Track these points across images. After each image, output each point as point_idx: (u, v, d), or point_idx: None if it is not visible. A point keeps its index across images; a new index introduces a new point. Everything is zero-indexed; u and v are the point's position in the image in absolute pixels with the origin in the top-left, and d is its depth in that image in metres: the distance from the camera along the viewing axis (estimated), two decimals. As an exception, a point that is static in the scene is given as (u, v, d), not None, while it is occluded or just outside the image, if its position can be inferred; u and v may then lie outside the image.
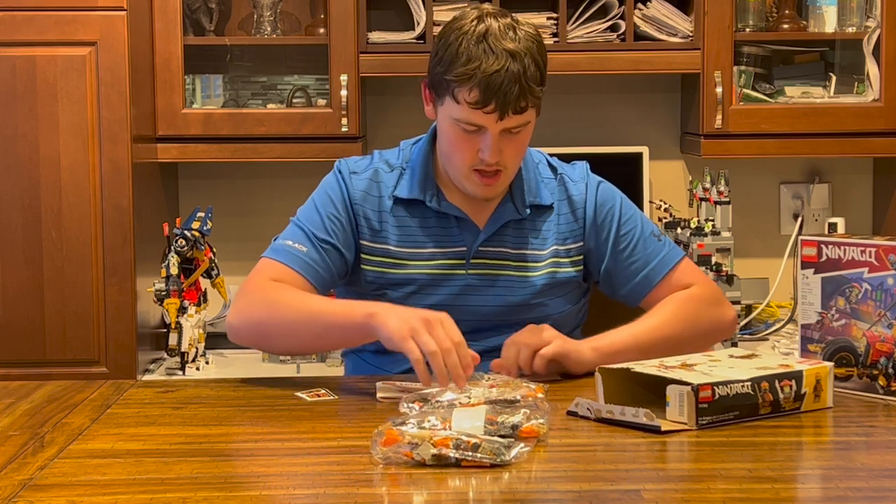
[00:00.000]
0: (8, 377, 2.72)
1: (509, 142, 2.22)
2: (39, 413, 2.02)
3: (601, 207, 2.38)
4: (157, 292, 3.14)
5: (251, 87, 3.57)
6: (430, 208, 2.32)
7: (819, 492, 1.65)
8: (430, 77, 2.26)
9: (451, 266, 2.31)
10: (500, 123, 2.18)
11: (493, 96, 2.15)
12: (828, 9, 3.44)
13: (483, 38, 2.17)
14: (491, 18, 2.20)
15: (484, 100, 2.16)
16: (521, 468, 1.67)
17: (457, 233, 2.32)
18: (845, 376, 2.10)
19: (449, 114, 2.22)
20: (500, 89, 2.14)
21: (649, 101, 3.69)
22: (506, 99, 2.15)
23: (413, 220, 2.32)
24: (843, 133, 3.39)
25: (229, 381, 2.28)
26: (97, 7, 3.07)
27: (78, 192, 3.08)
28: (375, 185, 2.34)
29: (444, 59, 2.20)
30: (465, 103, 2.18)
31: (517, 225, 2.34)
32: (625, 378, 1.97)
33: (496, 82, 2.14)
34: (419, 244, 2.32)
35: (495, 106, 2.16)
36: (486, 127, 2.19)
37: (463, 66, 2.17)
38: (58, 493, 1.61)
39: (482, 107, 2.17)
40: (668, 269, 2.36)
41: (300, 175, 3.60)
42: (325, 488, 1.62)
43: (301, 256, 2.28)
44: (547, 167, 2.42)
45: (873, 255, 2.07)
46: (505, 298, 2.32)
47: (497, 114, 2.17)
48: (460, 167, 2.26)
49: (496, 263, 2.32)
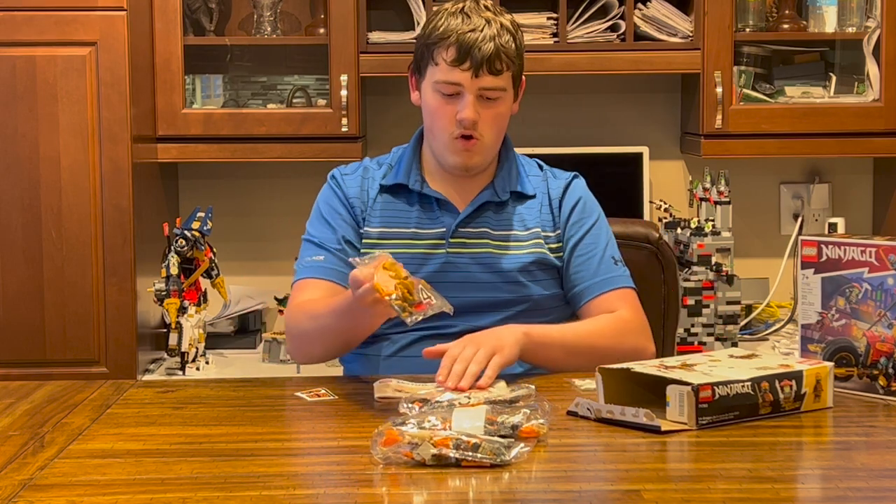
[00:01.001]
0: (8, 377, 2.72)
1: (485, 109, 2.33)
2: (39, 413, 2.02)
3: (579, 212, 2.44)
4: (157, 292, 3.14)
5: (251, 87, 3.57)
6: (413, 191, 2.41)
7: (819, 492, 1.65)
8: (414, 59, 2.42)
9: (432, 246, 2.38)
10: (475, 81, 2.30)
11: (468, 53, 2.30)
12: (828, 9, 3.44)
13: (461, 10, 2.35)
14: (471, 1, 2.37)
15: (460, 56, 2.30)
16: (521, 468, 1.67)
17: (438, 215, 2.40)
18: (845, 376, 2.10)
19: (431, 80, 2.35)
20: (474, 45, 2.29)
21: (649, 101, 3.69)
22: (481, 55, 2.29)
23: (397, 204, 2.42)
24: (843, 133, 3.39)
25: (229, 381, 2.29)
26: (97, 7, 3.07)
27: (78, 192, 3.08)
28: (366, 180, 2.45)
29: (425, 34, 2.37)
30: (443, 63, 2.32)
31: (497, 208, 2.42)
32: (625, 378, 1.97)
33: (472, 39, 2.30)
34: (402, 225, 2.40)
35: (471, 63, 2.30)
36: (462, 85, 2.31)
37: (442, 30, 2.33)
38: (58, 493, 1.61)
39: (459, 63, 2.30)
40: (612, 288, 2.40)
41: (300, 175, 3.61)
42: (325, 488, 1.62)
43: (323, 265, 2.38)
44: (535, 167, 2.51)
45: (873, 255, 2.07)
46: (485, 275, 2.36)
47: (472, 71, 2.30)
48: (441, 135, 2.36)
49: (475, 242, 2.39)
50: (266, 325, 3.61)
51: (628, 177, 3.54)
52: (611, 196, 2.56)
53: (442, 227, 2.39)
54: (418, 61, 2.39)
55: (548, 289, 2.39)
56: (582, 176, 2.51)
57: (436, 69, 2.33)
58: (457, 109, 2.32)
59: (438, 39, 2.32)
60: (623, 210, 3.37)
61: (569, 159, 3.33)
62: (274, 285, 3.53)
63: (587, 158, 3.52)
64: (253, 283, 3.55)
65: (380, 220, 2.41)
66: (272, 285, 3.54)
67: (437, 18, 2.36)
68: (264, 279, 3.57)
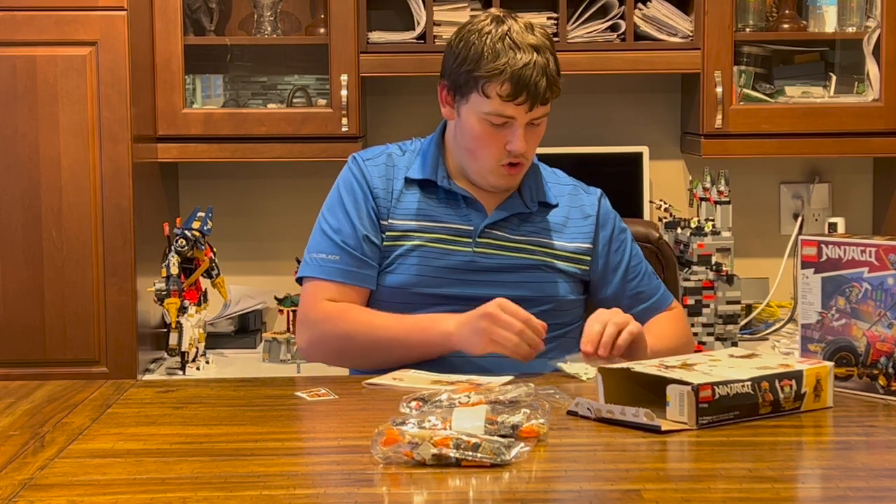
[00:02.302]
0: (8, 377, 2.72)
1: (531, 133, 2.35)
2: (39, 413, 2.02)
3: (616, 230, 2.51)
4: (158, 292, 3.14)
5: (251, 87, 3.57)
6: (441, 188, 2.41)
7: (819, 492, 1.65)
8: (452, 78, 2.36)
9: (459, 243, 2.39)
10: (528, 114, 2.31)
11: (525, 88, 2.28)
12: (828, 9, 3.44)
13: (507, 35, 2.31)
14: (510, 19, 2.35)
15: (515, 92, 2.28)
16: (521, 468, 1.67)
17: (466, 212, 2.41)
18: (845, 376, 2.10)
19: (478, 109, 2.33)
20: (530, 81, 2.28)
21: (649, 101, 3.69)
22: (536, 90, 2.29)
23: (424, 198, 2.42)
24: (843, 133, 3.39)
25: (229, 381, 2.29)
26: (97, 7, 3.07)
27: (78, 192, 3.08)
28: (390, 168, 2.44)
29: (469, 59, 2.32)
30: (496, 97, 2.30)
31: (523, 218, 2.43)
32: (625, 378, 1.97)
33: (526, 75, 2.28)
34: (429, 218, 2.40)
35: (526, 97, 2.29)
36: (514, 119, 2.31)
37: (492, 61, 2.29)
38: (58, 493, 1.61)
39: (513, 99, 2.29)
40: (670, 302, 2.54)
41: (300, 175, 3.61)
42: (325, 488, 1.62)
43: (338, 266, 2.37)
44: (559, 175, 2.54)
45: (873, 254, 2.07)
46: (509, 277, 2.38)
47: (527, 105, 2.30)
48: (487, 161, 2.36)
49: (502, 244, 2.40)
50: (266, 325, 3.61)
51: (628, 177, 3.54)
52: (611, 196, 2.56)
53: (470, 224, 2.40)
54: (460, 85, 2.34)
55: (569, 293, 2.43)
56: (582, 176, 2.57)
57: (486, 101, 2.31)
58: (506, 139, 2.32)
59: (490, 73, 2.28)
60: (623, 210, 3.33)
61: (569, 159, 3.33)
62: (274, 285, 3.53)
63: (587, 158, 3.52)
64: (253, 283, 3.55)
65: (408, 213, 2.40)
66: (272, 285, 3.54)
67: (481, 42, 2.31)
68: (264, 279, 3.57)
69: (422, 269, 2.37)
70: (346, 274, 2.36)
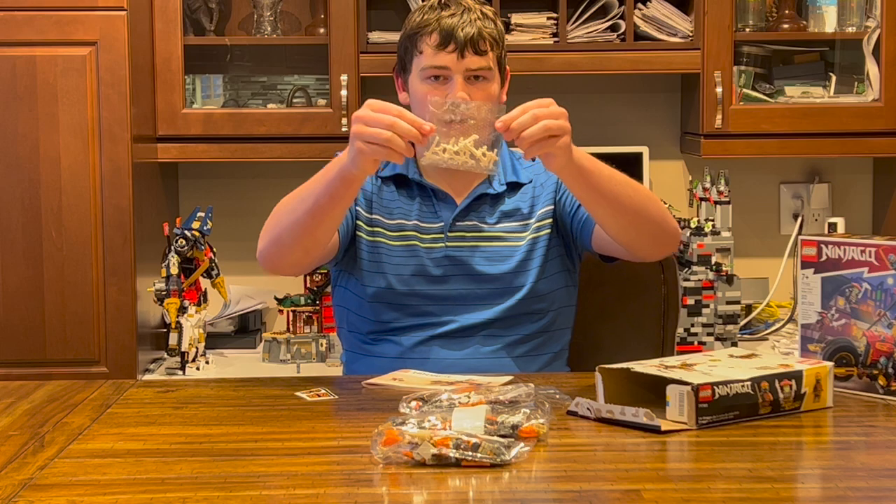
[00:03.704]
0: (8, 377, 2.72)
1: (476, 90, 2.34)
2: (39, 413, 2.02)
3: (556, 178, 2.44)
4: (157, 292, 3.14)
5: (251, 87, 3.57)
6: (412, 181, 2.43)
7: (819, 492, 1.65)
8: (398, 59, 2.44)
9: (432, 240, 2.39)
10: (461, 62, 2.33)
11: (451, 35, 2.33)
12: (828, 9, 3.44)
13: (438, 3, 2.40)
14: None
15: (444, 40, 2.34)
16: (521, 468, 1.67)
17: (437, 209, 2.42)
18: (845, 376, 2.10)
19: (417, 70, 2.37)
20: (456, 27, 2.33)
21: (649, 101, 3.69)
22: (464, 34, 2.33)
23: (397, 196, 2.43)
24: (843, 133, 3.39)
25: (229, 381, 2.29)
26: (97, 7, 3.07)
27: (78, 192, 3.08)
28: None
29: (406, 29, 2.42)
30: (427, 49, 2.35)
31: (493, 200, 2.43)
32: (625, 378, 1.97)
33: (453, 23, 2.34)
34: (405, 216, 2.41)
35: (455, 45, 2.33)
36: (449, 68, 2.34)
37: (423, 19, 2.38)
38: (58, 493, 1.61)
39: (444, 46, 2.34)
40: None
41: (300, 175, 3.58)
42: (325, 488, 1.62)
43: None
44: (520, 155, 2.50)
45: (873, 254, 2.07)
46: (484, 267, 2.38)
47: (457, 52, 2.33)
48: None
49: (473, 235, 2.40)
50: (266, 325, 3.61)
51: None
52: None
53: (440, 221, 2.41)
54: (402, 58, 2.43)
55: (547, 276, 2.41)
56: None
57: (421, 57, 2.36)
58: (446, 93, 2.32)
59: (420, 28, 2.37)
60: (623, 210, 3.37)
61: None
62: (274, 285, 3.53)
63: (587, 158, 3.52)
64: (253, 283, 3.55)
65: (382, 216, 2.41)
66: (272, 285, 3.54)
67: (416, 14, 2.41)
68: (264, 279, 3.57)
69: (398, 269, 2.37)
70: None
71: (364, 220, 2.42)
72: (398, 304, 2.38)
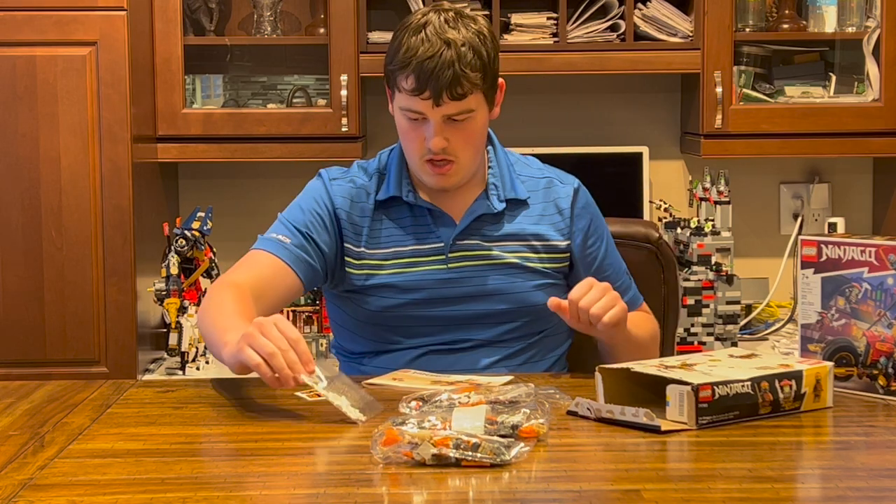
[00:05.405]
0: (8, 377, 2.72)
1: (455, 131, 2.25)
2: (39, 413, 2.02)
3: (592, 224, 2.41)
4: (158, 292, 3.14)
5: (251, 87, 3.57)
6: (407, 203, 2.34)
7: (819, 492, 1.65)
8: (384, 74, 2.32)
9: (432, 262, 2.33)
10: (437, 110, 2.22)
11: (427, 82, 2.19)
12: (828, 9, 3.44)
13: (422, 28, 2.22)
14: (434, 13, 2.25)
15: (419, 86, 2.20)
16: (521, 468, 1.67)
17: (433, 228, 2.34)
18: (845, 376, 2.10)
19: (397, 105, 2.28)
20: (432, 75, 2.19)
21: (649, 101, 3.69)
22: (438, 84, 2.19)
23: (392, 220, 2.35)
24: (843, 133, 3.39)
25: (229, 381, 2.28)
26: (97, 7, 3.07)
27: (78, 192, 3.08)
28: (356, 191, 2.36)
29: (389, 53, 2.27)
30: (404, 91, 2.23)
31: (493, 219, 2.35)
32: (625, 378, 1.97)
33: (429, 68, 2.19)
34: (399, 243, 2.34)
35: (430, 93, 2.20)
36: (424, 114, 2.23)
37: (402, 54, 2.22)
38: (58, 493, 1.61)
39: (418, 93, 2.21)
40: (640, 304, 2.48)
41: (300, 175, 3.58)
42: (325, 488, 1.62)
43: (286, 247, 2.30)
44: (529, 167, 2.44)
45: (873, 254, 2.07)
46: (487, 287, 2.32)
47: (432, 100, 2.21)
48: (413, 158, 2.30)
49: (475, 254, 2.34)
50: (266, 325, 3.61)
51: (628, 177, 3.54)
52: (611, 196, 2.56)
53: (439, 241, 2.33)
54: (387, 80, 2.30)
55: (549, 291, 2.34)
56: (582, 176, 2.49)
57: (399, 96, 2.25)
58: (424, 132, 2.24)
59: (399, 66, 2.22)
60: (623, 210, 3.37)
61: (569, 159, 3.33)
62: (274, 285, 3.52)
63: (587, 158, 3.52)
64: (253, 283, 3.55)
65: (378, 241, 2.34)
66: (272, 285, 3.53)
67: (401, 35, 2.25)
68: (264, 279, 3.57)
69: (399, 293, 2.31)
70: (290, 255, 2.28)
71: (352, 255, 2.33)
72: (394, 326, 2.32)
